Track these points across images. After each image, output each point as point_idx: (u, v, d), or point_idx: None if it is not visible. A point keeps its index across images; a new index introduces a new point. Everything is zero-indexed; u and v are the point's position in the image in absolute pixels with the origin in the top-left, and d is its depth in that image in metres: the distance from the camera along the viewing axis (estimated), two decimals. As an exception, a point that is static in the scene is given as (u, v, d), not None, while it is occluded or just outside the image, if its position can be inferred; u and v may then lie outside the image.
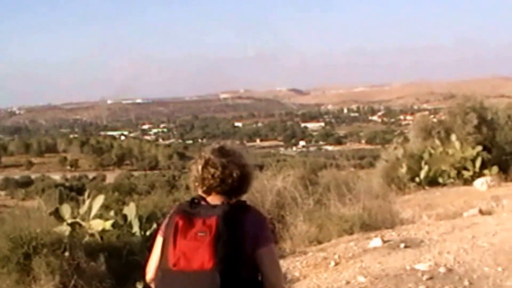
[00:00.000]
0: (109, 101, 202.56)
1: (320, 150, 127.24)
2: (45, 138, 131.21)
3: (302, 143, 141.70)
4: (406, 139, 19.15)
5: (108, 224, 8.12)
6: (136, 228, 8.55)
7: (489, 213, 9.95)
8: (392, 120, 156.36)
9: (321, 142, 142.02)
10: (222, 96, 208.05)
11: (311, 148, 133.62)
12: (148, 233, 8.52)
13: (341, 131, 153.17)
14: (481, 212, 9.87)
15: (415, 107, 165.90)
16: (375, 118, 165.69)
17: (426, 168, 15.62)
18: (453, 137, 16.51)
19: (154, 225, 8.53)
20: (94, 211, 8.16)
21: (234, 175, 3.20)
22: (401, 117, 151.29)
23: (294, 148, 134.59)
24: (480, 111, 18.76)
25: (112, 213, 9.12)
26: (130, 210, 8.72)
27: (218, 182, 3.20)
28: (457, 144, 16.28)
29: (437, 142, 16.76)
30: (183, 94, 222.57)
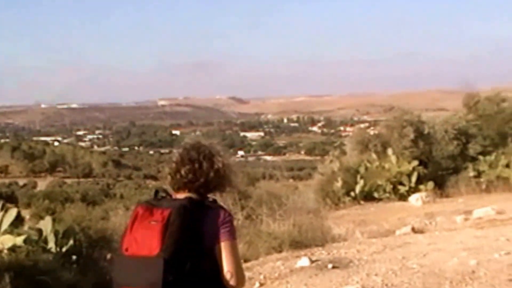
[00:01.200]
0: (43, 105, 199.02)
1: (259, 160, 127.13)
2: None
3: (240, 152, 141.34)
4: (344, 152, 19.08)
5: (19, 240, 7.66)
6: (51, 244, 8.11)
7: (422, 231, 9.85)
8: (332, 131, 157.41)
9: (260, 152, 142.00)
10: (160, 103, 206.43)
11: (250, 158, 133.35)
12: (64, 249, 8.10)
13: (281, 141, 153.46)
14: (413, 230, 9.76)
15: (356, 118, 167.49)
16: (315, 128, 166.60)
17: (361, 182, 15.56)
18: (390, 151, 16.50)
19: (71, 241, 8.12)
20: (5, 225, 7.69)
21: (206, 172, 3.34)
22: (341, 128, 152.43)
23: (232, 158, 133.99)
24: (417, 125, 18.85)
25: (26, 227, 8.65)
26: (45, 225, 8.26)
27: (188, 178, 3.33)
28: (393, 158, 16.27)
29: (374, 156, 16.73)
30: (120, 100, 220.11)
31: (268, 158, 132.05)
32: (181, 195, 3.32)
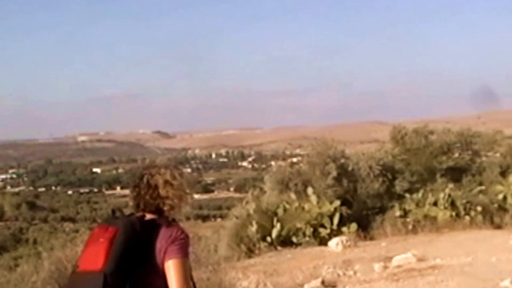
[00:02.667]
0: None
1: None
2: None
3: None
4: (264, 191, 18.60)
5: None
6: None
7: (334, 284, 9.34)
8: (263, 166, 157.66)
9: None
10: (80, 138, 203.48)
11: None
12: None
13: (209, 178, 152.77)
14: (323, 283, 9.23)
15: (288, 152, 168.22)
16: (245, 163, 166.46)
17: (278, 226, 15.03)
18: (310, 190, 16.07)
19: None
20: None
21: (150, 193, 3.59)
22: (273, 162, 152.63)
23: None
24: (341, 161, 18.54)
25: None
26: None
27: (142, 201, 3.60)
28: (313, 199, 15.85)
29: (293, 196, 16.27)
30: (37, 136, 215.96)
31: (196, 196, 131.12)
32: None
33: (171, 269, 3.37)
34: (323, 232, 15.25)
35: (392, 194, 18.09)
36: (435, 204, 16.34)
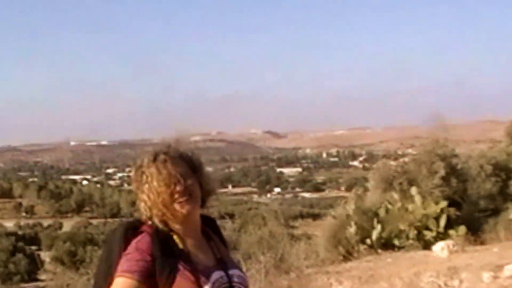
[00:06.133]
0: (72, 143, 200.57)
1: (297, 198, 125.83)
2: (0, 182, 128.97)
3: (277, 189, 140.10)
4: (367, 190, 17.48)
5: None
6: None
7: (434, 297, 8.16)
8: (374, 166, 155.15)
9: (297, 189, 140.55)
10: (193, 138, 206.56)
11: (287, 195, 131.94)
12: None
13: (320, 177, 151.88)
14: (421, 296, 8.06)
15: (399, 152, 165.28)
16: (356, 163, 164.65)
17: (379, 227, 13.84)
18: (413, 190, 14.78)
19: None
20: None
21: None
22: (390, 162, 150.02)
23: (268, 195, 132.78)
24: (450, 159, 17.16)
25: None
26: None
27: None
28: (418, 199, 14.55)
29: (395, 196, 15.02)
30: (151, 136, 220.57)
31: (306, 195, 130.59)
32: None
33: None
34: (428, 235, 13.96)
35: (507, 195, 16.58)
36: (555, 206, 14.84)
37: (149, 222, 2.73)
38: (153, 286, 2.61)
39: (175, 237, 2.71)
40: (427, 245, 13.64)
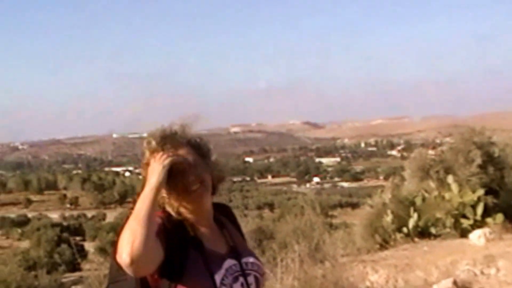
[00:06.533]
0: (114, 135, 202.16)
1: (336, 187, 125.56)
2: (45, 174, 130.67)
3: (316, 179, 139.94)
4: (403, 179, 17.28)
5: None
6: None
7: (468, 286, 8.00)
8: (411, 154, 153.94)
9: (336, 179, 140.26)
10: (233, 129, 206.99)
11: (326, 185, 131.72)
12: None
13: (358, 167, 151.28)
14: (455, 284, 7.91)
15: (438, 140, 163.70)
16: (394, 152, 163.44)
17: (415, 216, 13.67)
18: (450, 178, 14.57)
19: None
20: None
21: None
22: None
23: (307, 185, 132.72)
24: (487, 147, 16.87)
25: None
26: None
27: None
28: (455, 187, 14.33)
29: (431, 184, 14.82)
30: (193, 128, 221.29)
31: (345, 184, 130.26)
32: None
33: None
34: (465, 223, 13.73)
35: (545, 183, 16.25)
36: None
37: (160, 211, 2.57)
38: (161, 272, 2.44)
39: (186, 224, 2.58)
40: (464, 233, 13.44)
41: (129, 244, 2.26)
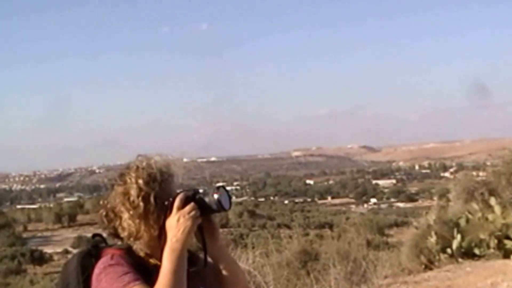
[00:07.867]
0: (185, 159, 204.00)
1: (392, 207, 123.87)
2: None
3: (373, 200, 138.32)
4: (449, 201, 16.76)
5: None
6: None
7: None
8: (456, 176, 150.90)
9: (392, 199, 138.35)
10: (294, 154, 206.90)
11: (383, 205, 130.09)
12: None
13: (413, 188, 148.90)
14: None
15: (488, 163, 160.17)
16: (447, 174, 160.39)
17: (459, 237, 13.13)
18: (492, 200, 13.99)
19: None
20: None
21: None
22: (474, 173, 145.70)
23: (365, 205, 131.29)
24: (529, 170, 16.24)
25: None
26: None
27: None
28: (497, 209, 13.75)
29: (475, 206, 14.27)
30: (256, 152, 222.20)
31: (401, 205, 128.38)
32: None
33: None
34: (508, 244, 13.14)
35: None
36: None
37: (114, 246, 2.38)
38: None
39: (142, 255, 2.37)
40: (507, 254, 12.86)
41: None
